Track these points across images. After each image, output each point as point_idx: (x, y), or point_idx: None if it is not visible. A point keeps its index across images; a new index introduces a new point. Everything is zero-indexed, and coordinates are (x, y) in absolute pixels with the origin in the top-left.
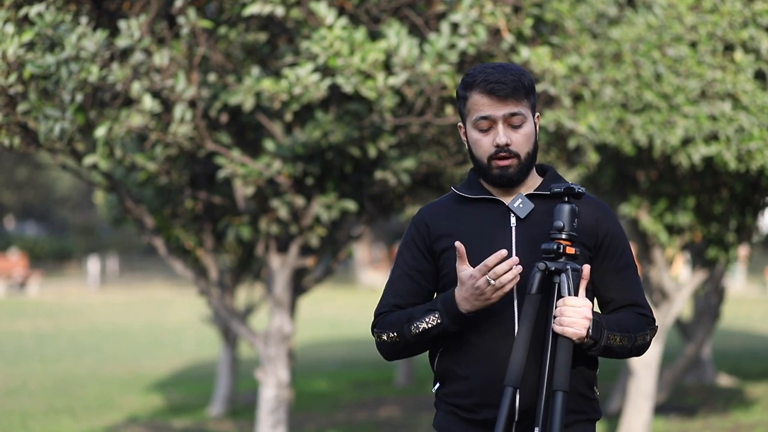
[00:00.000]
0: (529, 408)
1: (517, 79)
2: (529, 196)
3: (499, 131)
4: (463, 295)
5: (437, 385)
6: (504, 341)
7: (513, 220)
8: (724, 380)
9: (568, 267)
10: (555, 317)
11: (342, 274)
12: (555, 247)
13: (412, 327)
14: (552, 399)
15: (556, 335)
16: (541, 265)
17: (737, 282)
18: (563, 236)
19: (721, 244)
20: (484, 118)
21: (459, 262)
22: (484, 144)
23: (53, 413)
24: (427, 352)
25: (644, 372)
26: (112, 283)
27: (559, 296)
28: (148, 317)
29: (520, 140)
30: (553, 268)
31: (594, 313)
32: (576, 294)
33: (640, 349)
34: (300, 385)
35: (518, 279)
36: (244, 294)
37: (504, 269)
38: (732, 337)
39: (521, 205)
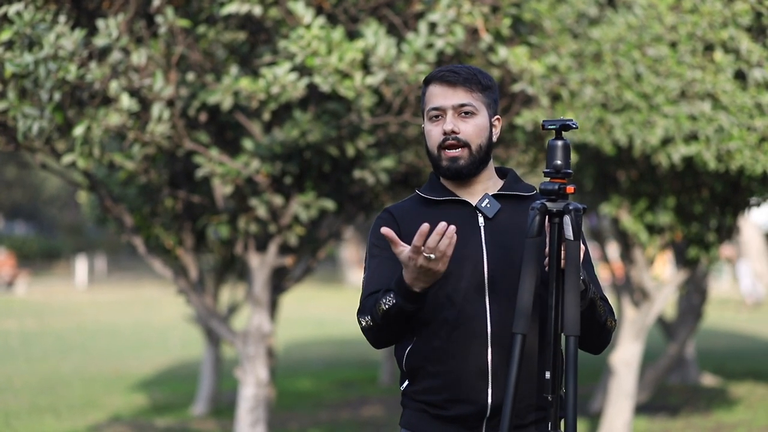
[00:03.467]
0: (501, 403)
1: (473, 74)
2: (495, 197)
3: (447, 118)
4: (412, 276)
5: (406, 382)
6: (475, 337)
7: (481, 219)
8: (708, 380)
9: (571, 207)
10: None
11: (329, 274)
12: (556, 187)
13: (377, 308)
14: (567, 344)
15: (561, 277)
16: (541, 206)
17: (723, 282)
18: (561, 175)
19: (702, 243)
20: (435, 108)
21: (393, 246)
22: (434, 134)
23: (37, 412)
24: (394, 350)
25: (625, 371)
26: (100, 282)
27: (562, 238)
28: (135, 316)
29: (469, 130)
30: (554, 210)
31: None
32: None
33: (607, 335)
34: (284, 385)
35: (455, 239)
36: (228, 293)
37: (436, 240)
38: (717, 337)
39: (489, 205)
